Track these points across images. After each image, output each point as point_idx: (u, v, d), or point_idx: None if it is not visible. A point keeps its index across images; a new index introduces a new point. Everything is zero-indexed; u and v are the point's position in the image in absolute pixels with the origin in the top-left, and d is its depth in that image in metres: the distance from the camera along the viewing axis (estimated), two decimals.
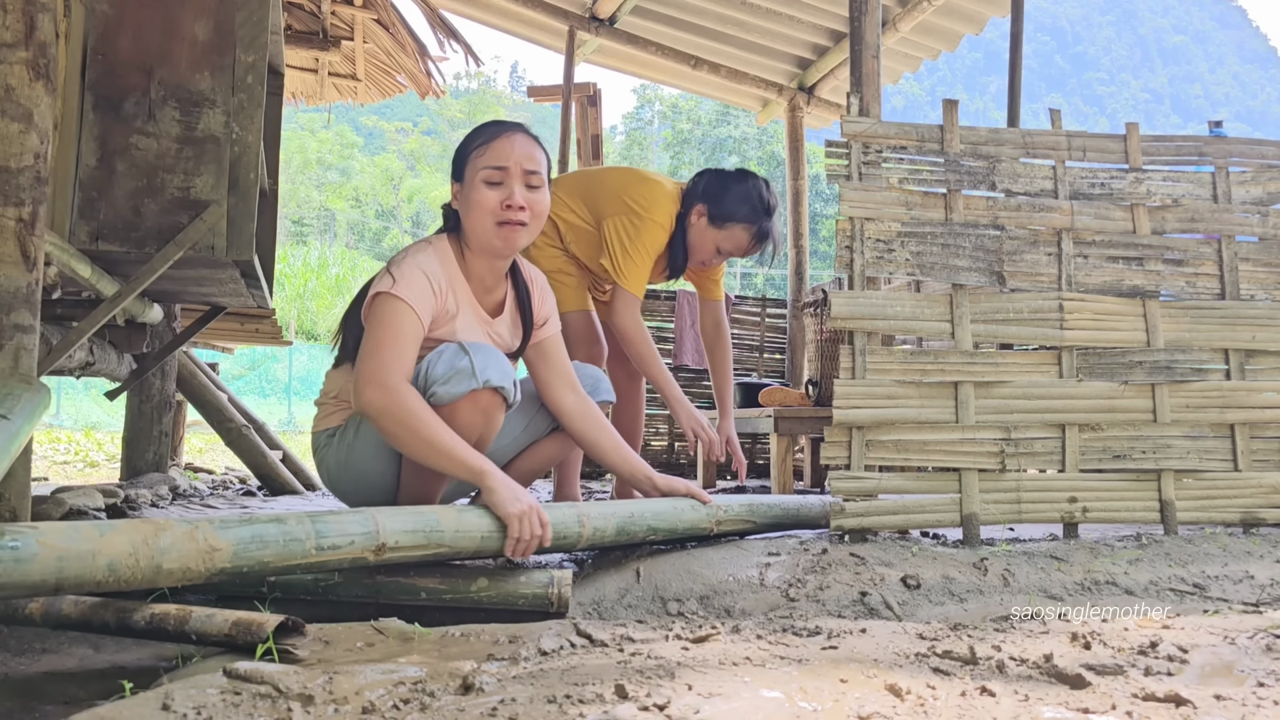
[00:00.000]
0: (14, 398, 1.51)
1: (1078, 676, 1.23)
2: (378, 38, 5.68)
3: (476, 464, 1.84)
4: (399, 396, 1.86)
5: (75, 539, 1.26)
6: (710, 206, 2.90)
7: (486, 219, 2.10)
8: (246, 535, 1.44)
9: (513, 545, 1.78)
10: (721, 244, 2.95)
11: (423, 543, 1.66)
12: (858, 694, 1.17)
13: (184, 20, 2.40)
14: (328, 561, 1.55)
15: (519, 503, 1.79)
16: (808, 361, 5.94)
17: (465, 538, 1.73)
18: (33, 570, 1.21)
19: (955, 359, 2.46)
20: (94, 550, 1.27)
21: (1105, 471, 2.52)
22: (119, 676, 1.43)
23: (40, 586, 1.23)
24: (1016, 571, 2.12)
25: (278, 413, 15.95)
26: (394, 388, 1.87)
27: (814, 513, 2.52)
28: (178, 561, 1.35)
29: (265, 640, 1.35)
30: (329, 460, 2.22)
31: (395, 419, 1.85)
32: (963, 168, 2.58)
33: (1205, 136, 2.81)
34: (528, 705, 1.09)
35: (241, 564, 1.43)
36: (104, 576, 1.28)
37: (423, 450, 1.86)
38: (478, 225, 2.12)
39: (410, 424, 1.84)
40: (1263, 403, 2.61)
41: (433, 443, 1.84)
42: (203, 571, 1.39)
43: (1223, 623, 1.64)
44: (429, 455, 1.86)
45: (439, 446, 1.84)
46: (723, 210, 2.90)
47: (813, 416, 4.10)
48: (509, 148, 2.11)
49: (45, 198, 1.90)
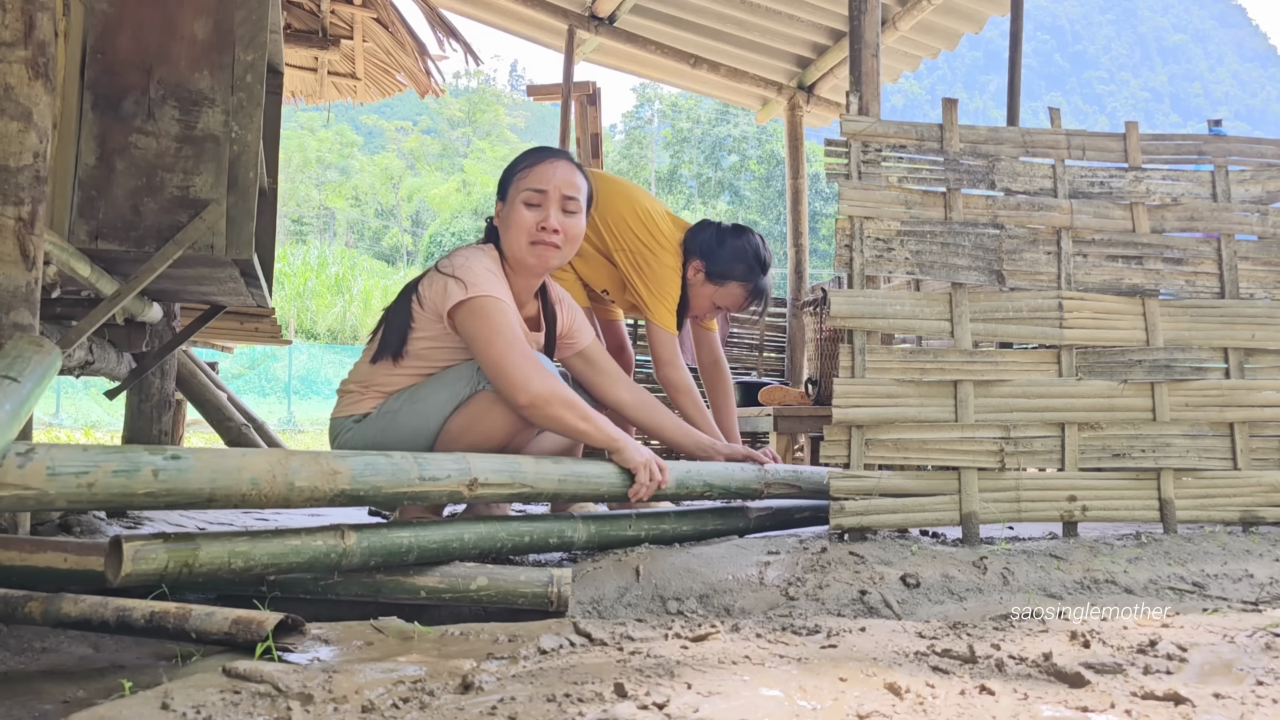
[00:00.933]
0: (23, 360, 1.51)
1: (1077, 675, 1.23)
2: (377, 36, 5.67)
3: (614, 431, 2.14)
4: (556, 385, 2.09)
5: (224, 458, 1.46)
6: (707, 264, 2.93)
7: (522, 238, 2.25)
8: (360, 464, 1.62)
9: (638, 489, 2.11)
10: (718, 300, 2.98)
11: (508, 481, 1.86)
12: (857, 692, 1.17)
13: (183, 19, 2.40)
14: (429, 493, 1.73)
15: (642, 453, 2.13)
16: (807, 360, 5.94)
17: (545, 479, 1.94)
18: (192, 480, 1.41)
19: (955, 358, 2.46)
20: (239, 466, 1.46)
21: (1105, 470, 2.52)
22: (119, 675, 1.43)
23: (197, 496, 1.42)
24: (1016, 570, 2.13)
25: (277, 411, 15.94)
26: (547, 381, 2.08)
27: None
28: (306, 480, 1.53)
29: (265, 639, 1.35)
30: (356, 443, 2.32)
31: (563, 403, 2.08)
32: (962, 166, 2.58)
33: (1204, 135, 2.81)
34: (527, 704, 1.09)
35: (359, 487, 1.61)
36: (248, 490, 1.46)
37: (579, 426, 2.10)
38: (514, 243, 2.27)
39: (573, 405, 2.09)
40: (1262, 401, 2.61)
41: (589, 418, 2.10)
42: (327, 491, 1.56)
43: (1222, 621, 1.64)
44: (583, 429, 2.10)
45: (592, 420, 2.11)
46: (719, 268, 2.92)
47: (812, 415, 4.10)
48: (550, 172, 2.27)
49: (44, 196, 1.90)
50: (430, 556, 1.78)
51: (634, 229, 2.91)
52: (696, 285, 2.97)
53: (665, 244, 2.92)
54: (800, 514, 2.65)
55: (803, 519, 2.65)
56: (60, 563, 1.67)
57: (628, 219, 2.92)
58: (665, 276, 2.90)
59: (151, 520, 2.73)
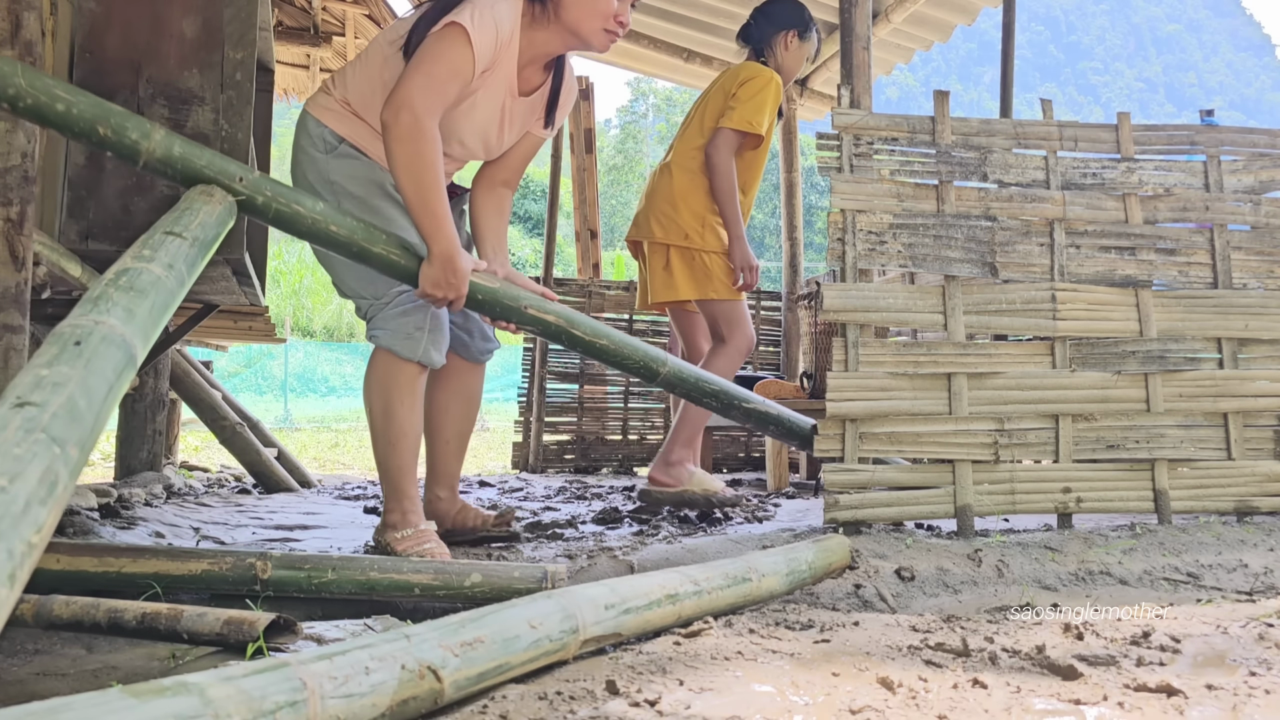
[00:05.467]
0: (192, 213, 1.51)
1: (1070, 667, 1.23)
2: (369, 33, 5.66)
3: (443, 224, 2.02)
4: (426, 134, 1.99)
5: None
6: (799, 29, 3.36)
7: (598, 20, 2.21)
8: None
9: (423, 288, 2.05)
10: (808, 53, 3.44)
11: None
12: (849, 687, 1.17)
13: (172, 17, 2.39)
14: None
15: (449, 261, 2.03)
16: (802, 354, 5.94)
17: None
18: None
19: (948, 350, 2.46)
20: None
21: (1099, 461, 2.52)
22: (111, 677, 1.43)
23: None
24: (1011, 562, 2.13)
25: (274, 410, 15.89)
26: (425, 124, 1.99)
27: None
28: None
29: (256, 639, 1.35)
30: (316, 164, 2.22)
31: (411, 149, 1.98)
32: (954, 159, 2.58)
33: (1197, 125, 2.80)
34: (518, 702, 1.09)
35: None
36: None
37: (412, 188, 2.00)
38: (586, 19, 2.21)
39: (418, 162, 1.99)
40: (1256, 391, 2.61)
41: (424, 191, 2.00)
42: None
43: (1216, 612, 1.65)
44: (414, 195, 2.01)
45: (426, 197, 2.00)
46: (803, 21, 3.38)
47: (807, 409, 4.09)
48: None
49: (33, 197, 1.89)
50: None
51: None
52: (794, 51, 3.38)
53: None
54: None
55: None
56: (53, 564, 1.67)
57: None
58: (774, 91, 3.25)
59: (146, 521, 2.72)
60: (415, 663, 1.03)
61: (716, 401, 2.51)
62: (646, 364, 2.37)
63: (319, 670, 0.93)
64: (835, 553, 2.01)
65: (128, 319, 1.18)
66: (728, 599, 1.62)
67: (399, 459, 2.21)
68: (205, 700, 0.81)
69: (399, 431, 2.20)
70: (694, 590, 1.54)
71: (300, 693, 0.89)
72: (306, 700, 0.89)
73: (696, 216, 3.20)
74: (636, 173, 40.81)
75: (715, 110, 3.26)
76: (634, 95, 45.84)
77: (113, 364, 1.08)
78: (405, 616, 1.69)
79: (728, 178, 3.17)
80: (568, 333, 2.26)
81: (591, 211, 6.83)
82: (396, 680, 1.00)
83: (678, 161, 3.28)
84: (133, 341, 1.16)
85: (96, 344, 1.08)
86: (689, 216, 3.21)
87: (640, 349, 2.38)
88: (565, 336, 2.26)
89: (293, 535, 2.71)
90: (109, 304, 1.19)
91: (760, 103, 3.16)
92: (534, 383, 5.79)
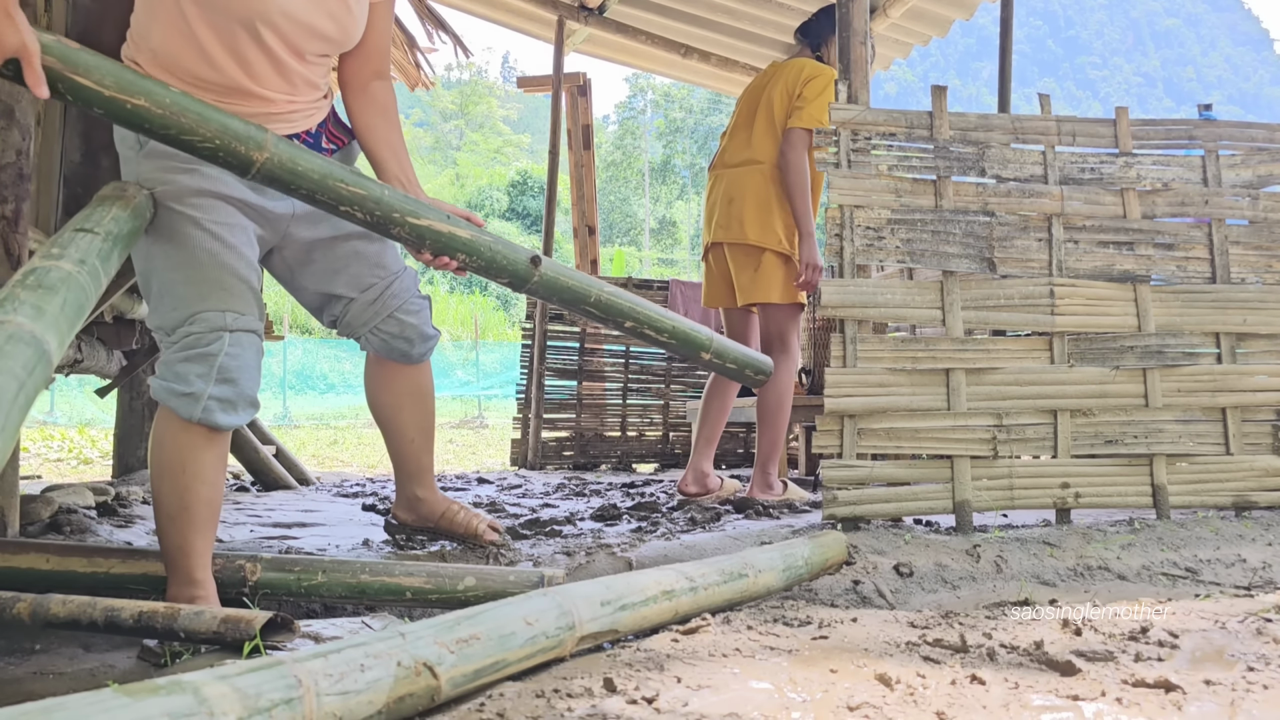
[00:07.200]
0: (101, 211, 1.50)
1: (1068, 663, 1.23)
2: None
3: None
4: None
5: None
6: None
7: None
8: None
9: None
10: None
11: None
12: (847, 684, 1.17)
13: None
14: None
15: None
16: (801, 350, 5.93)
17: None
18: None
19: (946, 346, 2.45)
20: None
21: (1097, 457, 2.52)
22: (108, 676, 1.42)
23: None
24: (1009, 558, 2.13)
25: (273, 407, 15.89)
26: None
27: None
28: None
29: (253, 638, 1.35)
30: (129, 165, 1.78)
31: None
32: (952, 154, 2.58)
33: (1195, 120, 2.80)
34: (515, 699, 1.09)
35: None
36: None
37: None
38: None
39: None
40: (1254, 386, 2.61)
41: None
42: None
43: (1214, 607, 1.65)
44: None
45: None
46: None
47: (806, 405, 4.09)
48: None
49: (29, 194, 1.89)
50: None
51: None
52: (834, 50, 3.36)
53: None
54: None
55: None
56: (43, 564, 1.67)
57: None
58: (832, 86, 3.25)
59: (144, 519, 2.72)
60: (411, 660, 1.02)
61: (598, 309, 2.05)
62: (514, 271, 1.96)
63: (314, 668, 0.93)
64: (831, 549, 2.00)
65: (37, 315, 1.17)
66: (724, 595, 1.62)
67: (178, 535, 1.66)
68: (200, 699, 0.81)
69: (179, 504, 1.67)
70: (690, 587, 1.54)
71: (295, 690, 0.89)
72: (302, 698, 0.89)
73: (786, 224, 3.30)
74: (635, 168, 40.77)
75: (784, 110, 3.34)
76: (632, 91, 45.80)
77: (22, 361, 1.08)
78: (403, 614, 1.69)
79: (803, 175, 3.24)
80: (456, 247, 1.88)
81: (589, 208, 6.83)
82: (392, 677, 1.00)
83: (762, 166, 3.35)
84: (44, 337, 1.15)
85: (2, 343, 1.08)
86: (783, 222, 3.30)
87: (508, 251, 1.98)
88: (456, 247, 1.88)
89: (291, 533, 2.70)
90: (15, 303, 1.18)
91: (827, 99, 3.20)
92: (532, 379, 5.79)
